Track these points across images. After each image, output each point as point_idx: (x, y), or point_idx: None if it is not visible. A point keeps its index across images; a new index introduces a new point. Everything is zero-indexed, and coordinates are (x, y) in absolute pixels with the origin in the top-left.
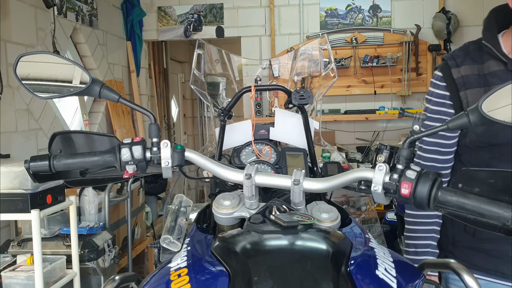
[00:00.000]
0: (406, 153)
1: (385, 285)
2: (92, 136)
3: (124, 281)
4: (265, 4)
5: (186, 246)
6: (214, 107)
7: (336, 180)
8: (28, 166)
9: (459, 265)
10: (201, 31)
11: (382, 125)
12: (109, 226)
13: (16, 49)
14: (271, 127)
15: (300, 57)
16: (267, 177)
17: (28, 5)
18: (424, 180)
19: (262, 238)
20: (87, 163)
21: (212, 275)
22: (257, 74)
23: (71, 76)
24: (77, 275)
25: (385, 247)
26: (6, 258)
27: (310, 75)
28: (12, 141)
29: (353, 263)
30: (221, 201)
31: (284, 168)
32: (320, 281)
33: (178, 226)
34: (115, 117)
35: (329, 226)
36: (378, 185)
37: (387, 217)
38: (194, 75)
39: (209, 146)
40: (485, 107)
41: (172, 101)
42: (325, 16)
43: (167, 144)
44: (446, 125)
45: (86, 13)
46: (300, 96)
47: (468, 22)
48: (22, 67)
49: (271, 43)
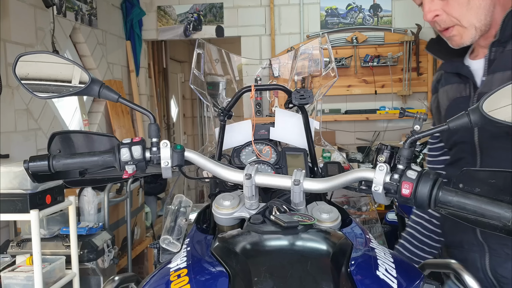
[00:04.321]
0: (406, 153)
1: (385, 285)
2: (91, 136)
3: (124, 282)
4: (265, 3)
5: (186, 247)
6: (214, 107)
7: (336, 180)
8: (27, 166)
9: (460, 266)
10: (201, 30)
11: (383, 125)
12: (109, 227)
13: (16, 48)
14: (271, 127)
15: (300, 56)
16: (267, 177)
17: (28, 4)
18: (425, 180)
19: (262, 238)
20: (87, 163)
21: (212, 275)
22: (257, 74)
23: (70, 76)
24: (77, 276)
25: (385, 248)
26: (5, 258)
27: (311, 74)
28: (11, 141)
29: (354, 263)
30: (221, 201)
31: (284, 168)
32: (320, 282)
33: (177, 227)
34: (114, 117)
35: (329, 226)
36: (379, 185)
37: (387, 218)
38: (193, 74)
39: (209, 146)
40: (486, 107)
41: (171, 101)
42: (325, 15)
43: (166, 144)
44: (446, 125)
45: (86, 13)
46: (300, 96)
47: None
48: (21, 66)
49: (271, 42)
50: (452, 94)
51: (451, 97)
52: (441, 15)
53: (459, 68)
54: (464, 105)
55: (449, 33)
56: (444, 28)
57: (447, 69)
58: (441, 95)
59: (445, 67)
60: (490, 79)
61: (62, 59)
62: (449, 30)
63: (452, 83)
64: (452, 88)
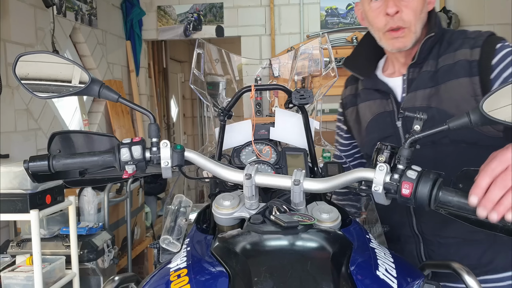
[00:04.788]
0: (406, 153)
1: (385, 285)
2: (91, 136)
3: (124, 282)
4: (265, 3)
5: (186, 247)
6: (214, 107)
7: (336, 180)
8: (27, 166)
9: (460, 266)
10: (201, 30)
11: None
12: (109, 227)
13: (15, 48)
14: (271, 127)
15: (300, 56)
16: (267, 177)
17: (28, 4)
18: (425, 180)
19: (262, 238)
20: (87, 163)
21: (212, 275)
22: (257, 74)
23: (70, 76)
24: (77, 276)
25: (386, 248)
26: (5, 258)
27: (311, 74)
28: (11, 141)
29: (354, 263)
30: (221, 201)
31: (284, 168)
32: (321, 282)
33: (177, 227)
34: (114, 117)
35: (329, 226)
36: (379, 185)
37: None
38: (194, 74)
39: (209, 146)
40: (486, 107)
41: (171, 101)
42: (325, 15)
43: (166, 144)
44: (447, 124)
45: (86, 13)
46: (300, 96)
47: (468, 21)
48: (21, 66)
49: (271, 42)
50: (376, 109)
51: (375, 112)
52: (401, 13)
53: (379, 85)
54: (388, 118)
55: (398, 33)
56: (396, 27)
57: (366, 85)
58: (362, 109)
59: (364, 83)
60: (413, 95)
61: (62, 59)
62: (400, 31)
63: (374, 99)
64: (375, 104)
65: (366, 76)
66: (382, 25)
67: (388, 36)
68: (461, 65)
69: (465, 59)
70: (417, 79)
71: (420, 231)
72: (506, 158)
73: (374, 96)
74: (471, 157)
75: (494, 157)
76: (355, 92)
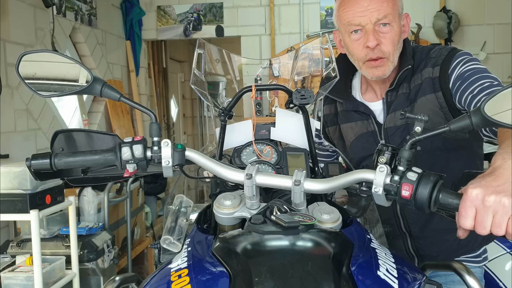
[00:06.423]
0: (407, 154)
1: (386, 286)
2: (94, 135)
3: (125, 282)
4: (265, 3)
5: (187, 247)
6: (215, 107)
7: (337, 181)
8: (30, 164)
9: (461, 266)
10: (201, 30)
11: None
12: (109, 227)
13: (15, 48)
14: (271, 127)
15: (301, 56)
16: (268, 177)
17: (27, 4)
18: (425, 182)
19: (263, 238)
20: (88, 162)
21: (212, 275)
22: (257, 74)
23: (73, 75)
24: (77, 276)
25: (386, 248)
26: (5, 258)
27: (311, 74)
28: (11, 141)
29: (355, 263)
30: (222, 201)
31: (285, 168)
32: (321, 282)
33: (178, 227)
34: (114, 117)
35: (330, 227)
36: (379, 186)
37: None
38: (194, 74)
39: (210, 146)
40: (487, 109)
41: (171, 101)
42: (325, 15)
43: (168, 143)
44: (448, 126)
45: (85, 13)
46: (301, 96)
47: (468, 21)
48: (24, 65)
49: (271, 42)
50: (358, 130)
51: (358, 132)
52: (380, 45)
53: (360, 107)
54: (371, 138)
55: (377, 63)
56: (376, 57)
57: (347, 107)
58: (345, 129)
59: (344, 105)
60: (393, 116)
61: (65, 58)
62: (379, 61)
63: (355, 121)
64: (357, 125)
65: (345, 99)
66: (363, 56)
67: (368, 65)
68: (427, 83)
69: (429, 76)
70: (395, 102)
71: (407, 230)
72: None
73: (354, 118)
74: (449, 161)
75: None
76: (335, 112)
